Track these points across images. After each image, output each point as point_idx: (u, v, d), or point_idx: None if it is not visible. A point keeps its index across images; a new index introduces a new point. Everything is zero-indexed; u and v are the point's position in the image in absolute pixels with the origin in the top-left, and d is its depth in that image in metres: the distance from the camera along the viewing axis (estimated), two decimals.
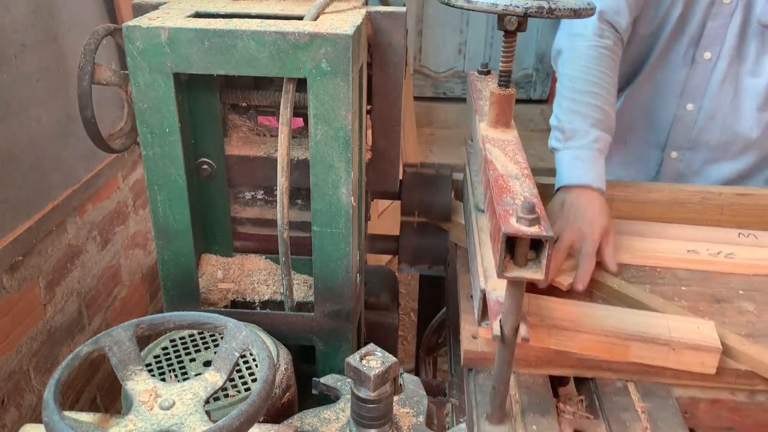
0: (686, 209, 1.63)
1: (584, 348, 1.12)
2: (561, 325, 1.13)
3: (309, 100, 1.12)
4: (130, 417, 0.87)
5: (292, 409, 1.19)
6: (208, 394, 0.91)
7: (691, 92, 1.77)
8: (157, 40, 1.10)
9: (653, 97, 1.86)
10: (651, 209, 1.63)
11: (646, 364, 1.13)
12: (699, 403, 1.13)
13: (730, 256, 1.44)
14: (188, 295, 1.32)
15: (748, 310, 1.29)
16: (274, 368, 0.91)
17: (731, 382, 1.14)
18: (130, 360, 0.94)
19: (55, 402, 0.84)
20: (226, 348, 0.95)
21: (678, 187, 1.67)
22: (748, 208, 1.61)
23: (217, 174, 1.34)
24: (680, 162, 1.89)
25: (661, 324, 1.15)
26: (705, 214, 1.62)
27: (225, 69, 1.12)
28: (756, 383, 1.14)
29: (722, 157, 1.87)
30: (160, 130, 1.17)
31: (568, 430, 1.00)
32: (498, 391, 0.99)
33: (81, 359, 0.92)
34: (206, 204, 1.37)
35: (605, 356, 1.13)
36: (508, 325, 0.90)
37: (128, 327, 0.97)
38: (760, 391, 1.15)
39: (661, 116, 1.84)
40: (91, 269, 2.36)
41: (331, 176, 1.16)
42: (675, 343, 1.10)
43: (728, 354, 1.13)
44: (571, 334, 1.12)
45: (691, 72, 1.75)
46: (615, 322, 1.15)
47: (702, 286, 1.38)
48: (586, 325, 1.13)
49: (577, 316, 1.15)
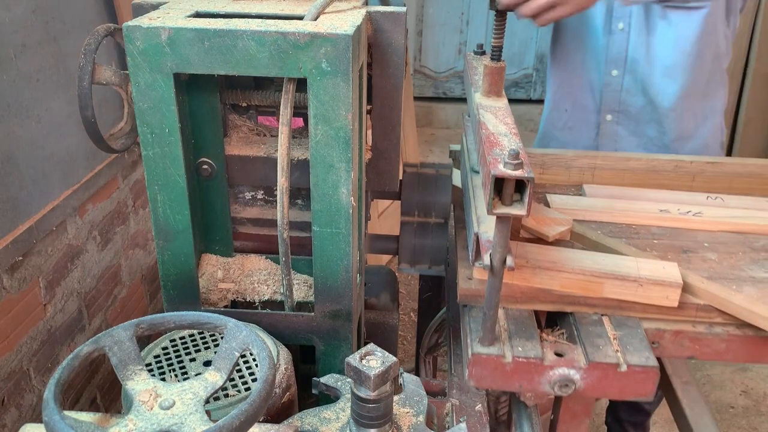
0: (661, 176, 1.78)
1: (564, 285, 1.26)
2: (544, 266, 1.26)
3: (309, 100, 1.12)
4: (130, 417, 0.87)
5: (292, 409, 1.20)
6: (208, 394, 0.91)
7: (613, 59, 1.92)
8: (157, 40, 1.10)
9: (586, 64, 2.00)
10: (630, 177, 1.79)
11: (618, 299, 1.26)
12: (664, 334, 1.27)
13: (698, 214, 1.59)
14: (188, 295, 1.32)
15: (711, 259, 1.45)
16: (274, 368, 0.91)
17: (692, 315, 1.28)
18: (130, 360, 0.94)
19: (55, 402, 0.84)
20: (226, 348, 0.95)
21: (653, 156, 1.82)
22: (717, 176, 1.76)
23: (217, 174, 1.34)
24: (616, 124, 2.02)
25: (631, 264, 1.29)
26: (678, 181, 1.77)
27: (225, 69, 1.12)
28: (713, 316, 1.28)
29: (650, 120, 1.98)
30: (160, 130, 1.17)
31: (549, 351, 1.13)
32: (488, 317, 1.11)
33: (81, 359, 0.92)
34: (206, 204, 1.37)
35: (582, 293, 1.26)
36: (496, 257, 1.03)
37: (128, 327, 0.97)
38: (717, 324, 1.29)
39: (594, 82, 1.99)
40: (91, 269, 2.36)
41: (331, 176, 1.16)
42: (643, 279, 1.24)
43: (689, 291, 1.28)
44: (552, 273, 1.25)
45: (610, 40, 1.90)
46: (591, 263, 1.29)
47: (672, 239, 1.54)
48: (566, 266, 1.26)
49: (558, 258, 1.29)
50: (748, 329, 1.25)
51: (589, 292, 1.26)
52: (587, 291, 1.25)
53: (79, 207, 2.25)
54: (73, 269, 2.24)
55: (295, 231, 1.36)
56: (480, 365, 1.11)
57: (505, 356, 1.11)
